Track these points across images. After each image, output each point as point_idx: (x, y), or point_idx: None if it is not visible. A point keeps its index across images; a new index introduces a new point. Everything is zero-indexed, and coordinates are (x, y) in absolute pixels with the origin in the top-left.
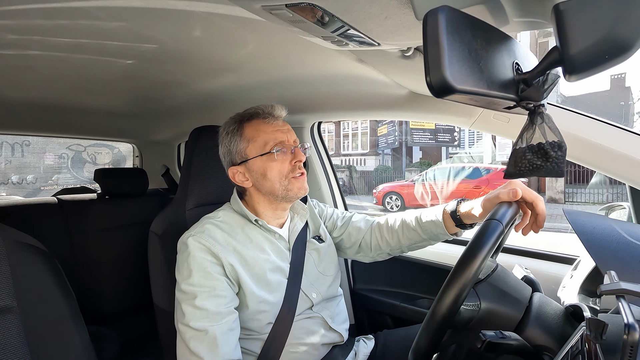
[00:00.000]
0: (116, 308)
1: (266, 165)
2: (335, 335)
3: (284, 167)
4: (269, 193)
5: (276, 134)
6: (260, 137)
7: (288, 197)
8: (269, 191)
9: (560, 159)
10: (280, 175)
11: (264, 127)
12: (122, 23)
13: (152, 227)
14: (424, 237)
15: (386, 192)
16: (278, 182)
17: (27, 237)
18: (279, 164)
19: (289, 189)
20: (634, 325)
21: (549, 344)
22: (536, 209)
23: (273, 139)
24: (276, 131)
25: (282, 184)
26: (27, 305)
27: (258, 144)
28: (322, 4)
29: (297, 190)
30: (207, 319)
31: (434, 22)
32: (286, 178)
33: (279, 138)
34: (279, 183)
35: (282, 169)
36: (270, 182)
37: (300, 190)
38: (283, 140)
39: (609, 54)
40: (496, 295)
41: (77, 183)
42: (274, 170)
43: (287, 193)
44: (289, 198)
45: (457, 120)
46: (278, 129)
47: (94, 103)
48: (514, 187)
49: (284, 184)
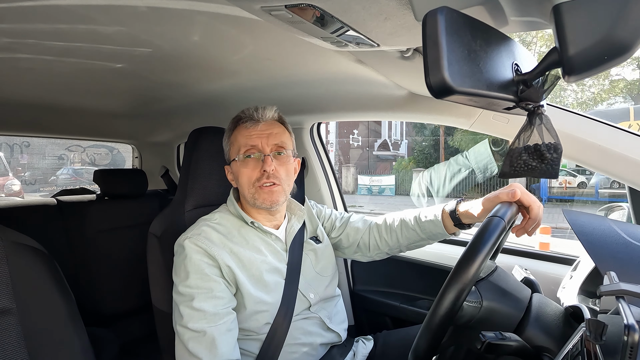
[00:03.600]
0: (115, 309)
1: (239, 170)
2: (333, 336)
3: (253, 174)
4: (244, 197)
5: (249, 139)
6: (237, 141)
7: (256, 205)
8: (243, 195)
9: (555, 161)
10: (249, 182)
11: (243, 131)
12: (120, 25)
13: (151, 228)
14: (423, 237)
15: None
16: (247, 189)
17: (26, 239)
18: (249, 170)
19: (255, 197)
20: (633, 326)
21: (548, 345)
22: (530, 213)
23: (245, 144)
24: (251, 136)
25: (249, 192)
26: (25, 306)
27: (235, 148)
28: (321, 5)
29: (262, 200)
30: (205, 320)
31: (433, 23)
32: (253, 186)
33: (251, 142)
34: (247, 190)
35: (250, 176)
36: (242, 188)
37: (264, 202)
38: (255, 144)
39: (608, 55)
40: (497, 294)
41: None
42: (243, 176)
43: (254, 201)
44: (257, 206)
45: (457, 121)
46: (254, 133)
47: (94, 104)
48: (513, 188)
49: (252, 192)
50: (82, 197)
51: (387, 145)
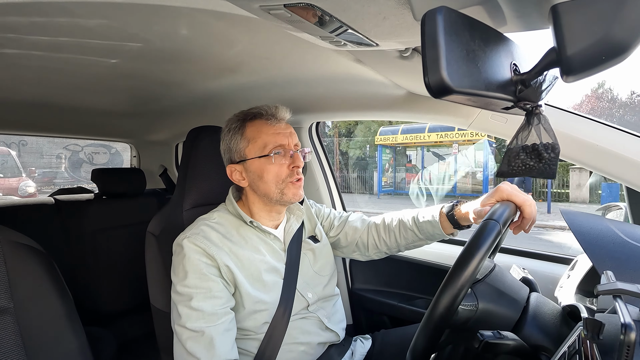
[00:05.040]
0: (113, 309)
1: (264, 167)
2: (332, 335)
3: (282, 171)
4: (264, 195)
5: (277, 137)
6: (261, 139)
7: (282, 201)
8: (264, 193)
9: (552, 161)
10: (277, 179)
11: (265, 128)
12: (118, 21)
13: (149, 227)
14: (421, 237)
15: None
16: (274, 185)
17: (23, 238)
18: (277, 167)
19: (284, 193)
20: (630, 325)
21: (546, 344)
22: (522, 212)
23: (273, 142)
24: (277, 134)
25: (278, 188)
26: (23, 305)
27: (258, 145)
28: (320, 4)
29: (291, 195)
30: (204, 320)
31: (432, 22)
32: (283, 182)
33: (279, 141)
34: (275, 186)
35: (279, 172)
36: (266, 185)
37: (294, 196)
38: (283, 143)
39: (606, 55)
40: (494, 296)
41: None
42: (270, 173)
43: (281, 197)
44: (282, 202)
45: (455, 121)
46: (280, 131)
47: (91, 102)
48: (501, 188)
49: (280, 188)
50: (80, 196)
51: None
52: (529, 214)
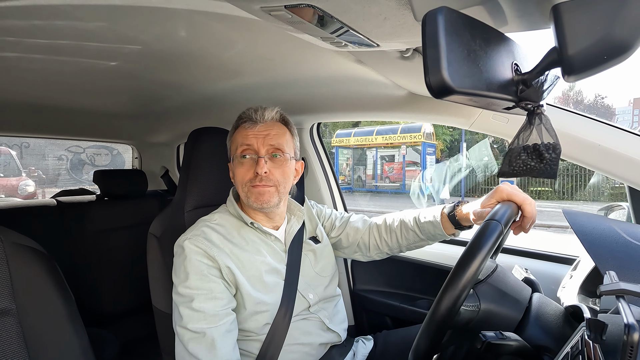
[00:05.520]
0: (115, 310)
1: (235, 169)
2: (333, 336)
3: (247, 174)
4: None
5: (246, 139)
6: (235, 140)
7: (250, 205)
8: (240, 195)
9: (553, 161)
10: (242, 181)
11: (242, 130)
12: (118, 24)
13: (151, 228)
14: (422, 238)
15: None
16: (240, 188)
17: (26, 239)
18: (243, 170)
19: (248, 196)
20: (633, 325)
21: (548, 345)
22: (523, 212)
23: (241, 144)
24: (249, 135)
25: (243, 191)
26: (25, 307)
27: (233, 147)
28: (321, 5)
29: (253, 199)
30: (205, 321)
31: (432, 23)
32: (245, 185)
33: (246, 143)
34: (241, 189)
35: (244, 175)
36: (237, 187)
37: (255, 201)
38: (250, 144)
39: (607, 55)
40: (496, 296)
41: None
42: (238, 175)
43: (247, 201)
44: (250, 206)
45: (456, 121)
46: (252, 133)
47: (92, 105)
48: (500, 189)
49: (244, 191)
50: (82, 197)
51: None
52: (530, 213)
